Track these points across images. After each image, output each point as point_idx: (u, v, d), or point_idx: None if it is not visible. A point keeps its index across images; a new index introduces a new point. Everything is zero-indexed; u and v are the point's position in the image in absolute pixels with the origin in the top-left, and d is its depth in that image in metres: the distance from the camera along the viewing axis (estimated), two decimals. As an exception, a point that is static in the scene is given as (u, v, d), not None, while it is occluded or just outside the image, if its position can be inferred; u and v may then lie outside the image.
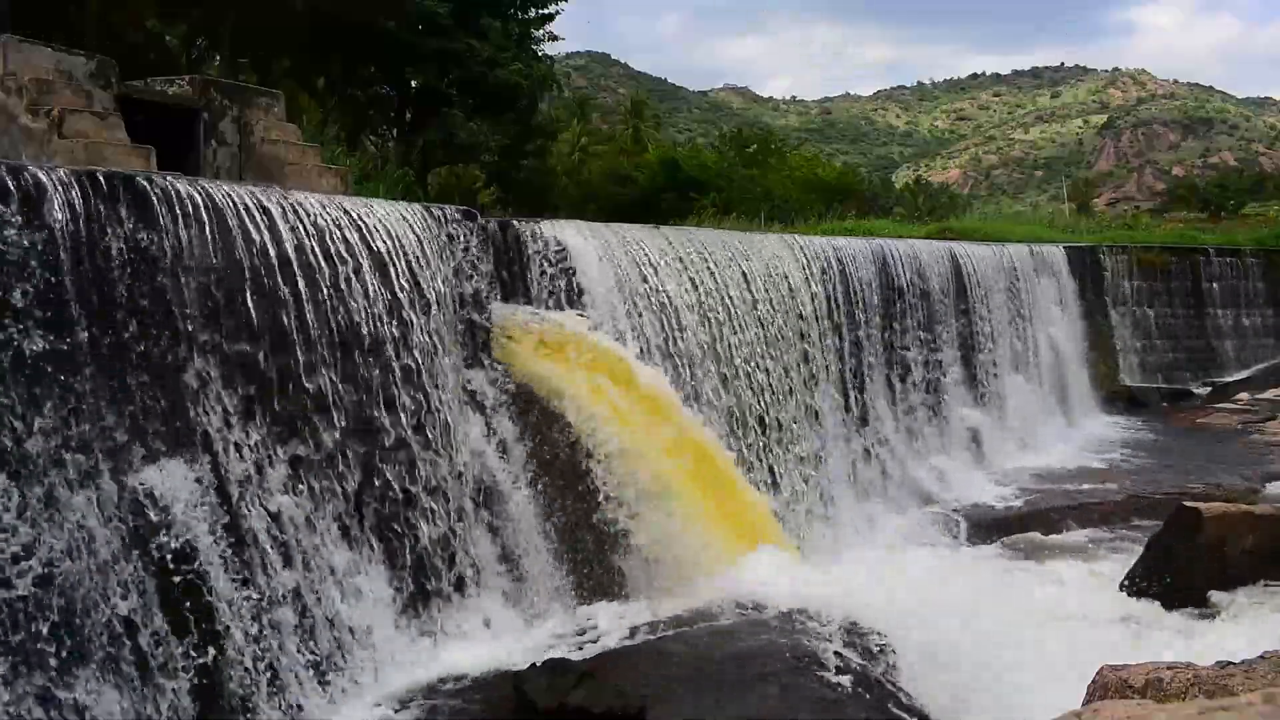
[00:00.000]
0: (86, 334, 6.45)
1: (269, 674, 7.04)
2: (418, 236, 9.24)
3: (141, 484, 6.66)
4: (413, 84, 29.69)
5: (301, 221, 8.14)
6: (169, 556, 6.66)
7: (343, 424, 8.15)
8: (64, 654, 5.83)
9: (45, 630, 5.78)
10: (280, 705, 7.03)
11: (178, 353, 7.06)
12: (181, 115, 12.17)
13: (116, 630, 6.20)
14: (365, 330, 8.42)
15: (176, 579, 6.66)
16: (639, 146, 48.50)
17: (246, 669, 6.89)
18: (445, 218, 9.86)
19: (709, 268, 13.47)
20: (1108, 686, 5.19)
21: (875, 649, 8.36)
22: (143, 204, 6.97)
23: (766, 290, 14.37)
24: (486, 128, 28.46)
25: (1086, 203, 75.91)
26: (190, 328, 7.14)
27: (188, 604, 6.69)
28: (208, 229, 7.34)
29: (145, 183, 7.10)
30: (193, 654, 6.60)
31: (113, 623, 6.18)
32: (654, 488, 9.90)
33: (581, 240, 11.66)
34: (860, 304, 16.54)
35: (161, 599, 6.56)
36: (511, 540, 9.45)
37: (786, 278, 14.93)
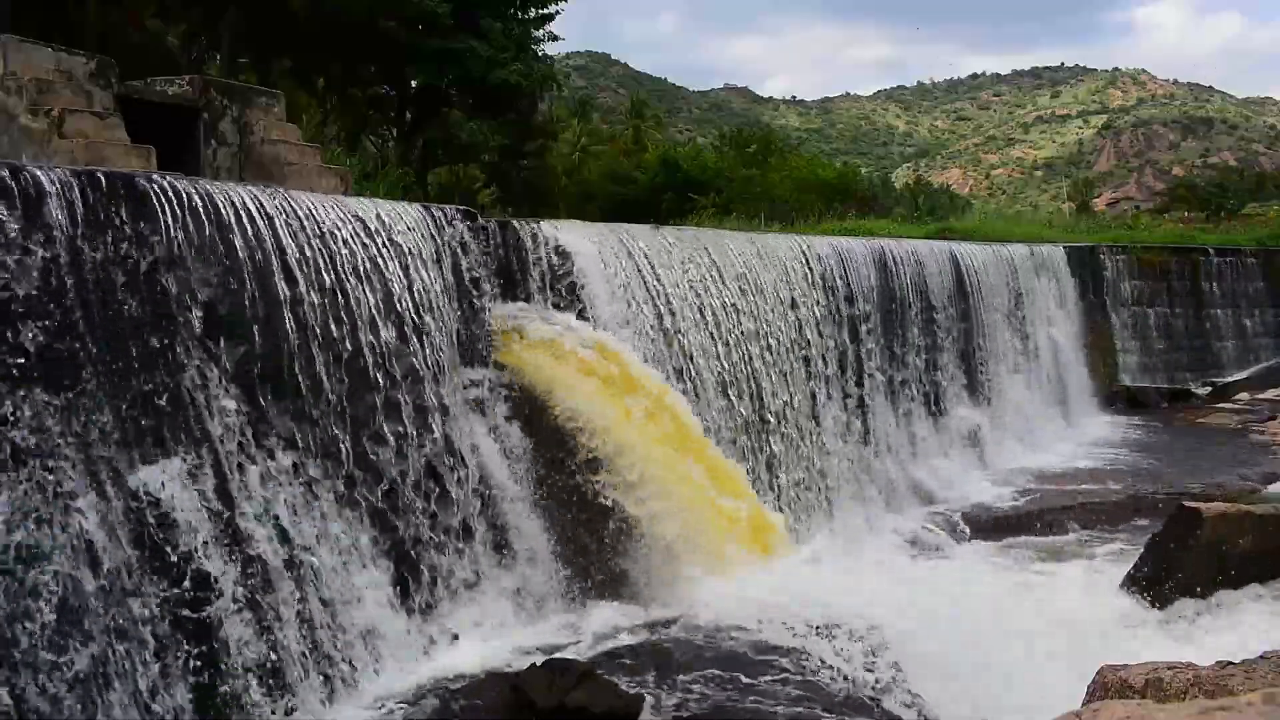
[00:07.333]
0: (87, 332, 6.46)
1: (268, 673, 7.04)
2: (417, 236, 9.24)
3: (140, 483, 6.66)
4: (413, 84, 29.69)
5: (302, 221, 8.13)
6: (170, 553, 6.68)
7: (342, 422, 8.15)
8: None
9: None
10: (280, 704, 7.03)
11: (177, 352, 7.06)
12: (181, 115, 12.17)
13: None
14: (365, 329, 8.42)
15: (177, 575, 6.67)
16: (639, 146, 48.52)
17: (246, 667, 6.89)
18: (445, 218, 9.86)
19: (709, 268, 13.47)
20: (1108, 686, 5.18)
21: (875, 649, 8.36)
22: (142, 204, 6.97)
23: (766, 290, 14.37)
24: (486, 128, 28.42)
25: (1086, 203, 75.83)
26: (189, 327, 7.14)
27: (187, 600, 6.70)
28: (207, 229, 7.35)
29: (145, 183, 7.10)
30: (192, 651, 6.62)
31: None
32: (655, 488, 9.89)
33: (581, 240, 11.65)
34: (860, 304, 16.53)
35: (163, 598, 6.56)
36: (512, 539, 9.44)
37: (786, 277, 14.92)
